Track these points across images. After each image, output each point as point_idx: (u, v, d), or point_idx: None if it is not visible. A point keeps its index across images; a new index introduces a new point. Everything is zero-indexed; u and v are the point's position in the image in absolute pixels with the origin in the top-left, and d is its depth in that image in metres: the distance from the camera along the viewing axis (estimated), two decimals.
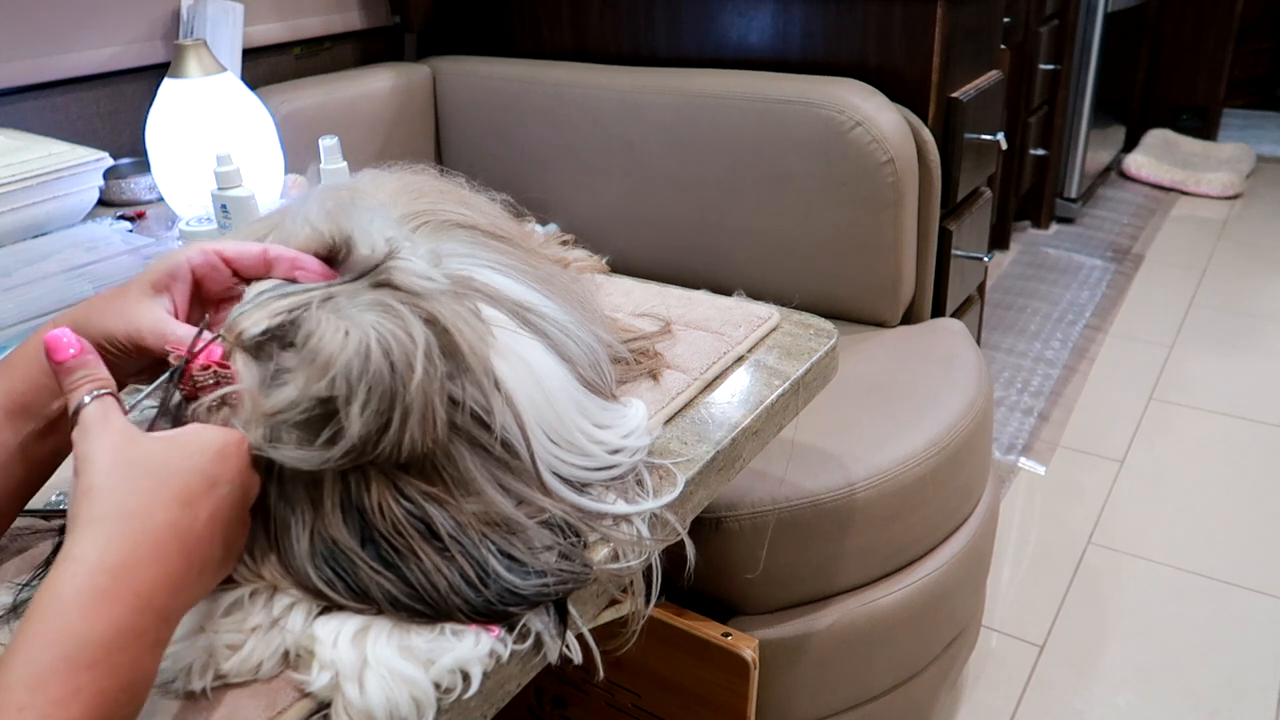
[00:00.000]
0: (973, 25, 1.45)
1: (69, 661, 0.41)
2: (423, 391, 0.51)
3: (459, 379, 0.54)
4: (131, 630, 0.43)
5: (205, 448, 0.49)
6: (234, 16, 1.48)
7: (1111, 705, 1.42)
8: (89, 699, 0.41)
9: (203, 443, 0.49)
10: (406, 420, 0.50)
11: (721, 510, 1.04)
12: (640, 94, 1.50)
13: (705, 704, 0.94)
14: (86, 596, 0.43)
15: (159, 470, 0.47)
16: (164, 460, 0.47)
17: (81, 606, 0.42)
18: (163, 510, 0.46)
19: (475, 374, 0.55)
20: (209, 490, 0.48)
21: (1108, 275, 2.80)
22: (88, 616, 0.42)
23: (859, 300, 1.43)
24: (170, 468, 0.47)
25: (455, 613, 0.52)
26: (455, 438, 0.54)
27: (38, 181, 1.16)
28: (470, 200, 0.75)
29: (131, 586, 0.44)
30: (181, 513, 0.46)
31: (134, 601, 0.43)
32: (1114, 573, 1.68)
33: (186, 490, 0.47)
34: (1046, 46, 2.79)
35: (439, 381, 0.52)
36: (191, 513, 0.47)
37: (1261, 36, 3.92)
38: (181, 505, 0.46)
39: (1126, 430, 2.08)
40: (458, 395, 0.54)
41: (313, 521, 0.52)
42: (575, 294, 0.72)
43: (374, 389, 0.50)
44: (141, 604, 0.44)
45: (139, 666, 0.44)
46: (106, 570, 0.43)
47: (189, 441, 0.49)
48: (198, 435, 0.49)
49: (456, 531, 0.53)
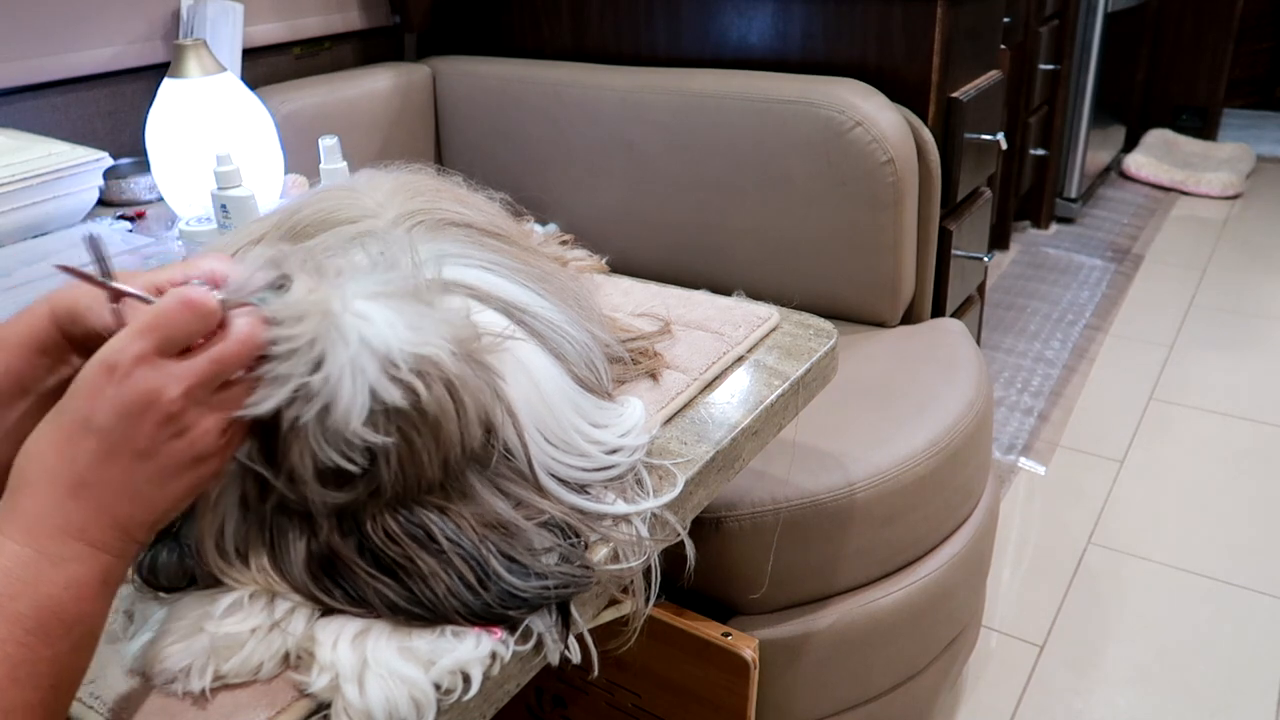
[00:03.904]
0: (973, 25, 1.45)
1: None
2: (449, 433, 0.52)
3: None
4: (21, 577, 0.43)
5: (77, 387, 0.45)
6: (234, 16, 1.48)
7: (1111, 705, 1.42)
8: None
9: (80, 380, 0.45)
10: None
11: (721, 510, 1.04)
12: (640, 94, 1.50)
13: (705, 704, 0.94)
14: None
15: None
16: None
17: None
18: (49, 450, 0.45)
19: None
20: (82, 432, 0.45)
21: (1108, 275, 2.80)
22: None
23: (859, 300, 1.43)
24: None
25: (454, 616, 0.51)
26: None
27: (38, 181, 1.16)
28: (467, 199, 0.75)
29: (16, 531, 0.44)
30: (58, 457, 0.45)
31: (16, 549, 0.43)
32: (1114, 573, 1.68)
33: (60, 431, 0.45)
34: (1046, 46, 2.79)
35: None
36: (69, 454, 0.44)
37: (1261, 36, 3.91)
38: (59, 448, 0.45)
39: (1126, 430, 2.08)
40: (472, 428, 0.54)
41: (309, 530, 0.52)
42: (572, 292, 0.72)
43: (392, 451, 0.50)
44: (28, 548, 0.43)
45: (46, 610, 0.43)
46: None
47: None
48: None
49: (456, 534, 0.52)
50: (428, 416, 0.50)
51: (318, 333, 0.48)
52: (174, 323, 0.44)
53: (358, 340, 0.48)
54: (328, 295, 0.49)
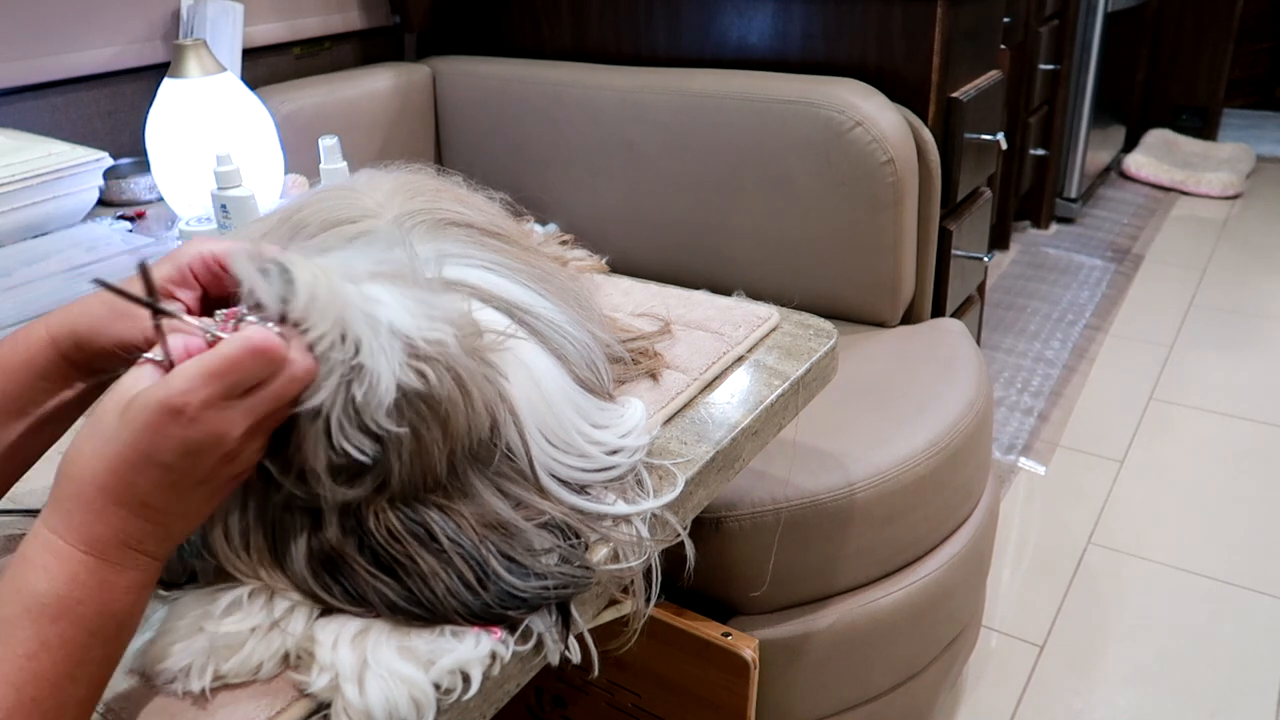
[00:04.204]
0: (973, 25, 1.45)
1: (31, 615, 0.42)
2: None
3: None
4: (87, 584, 0.44)
5: (134, 420, 0.45)
6: (234, 16, 1.48)
7: (1111, 705, 1.42)
8: (58, 650, 0.43)
9: (133, 413, 0.45)
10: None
11: (721, 510, 1.04)
12: (640, 94, 1.50)
13: (705, 704, 0.94)
14: (38, 552, 0.44)
15: (104, 432, 0.45)
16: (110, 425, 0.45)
17: (34, 563, 0.44)
18: (106, 474, 0.45)
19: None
20: (145, 464, 0.45)
21: (1108, 275, 2.80)
22: (39, 572, 0.43)
23: (859, 300, 1.43)
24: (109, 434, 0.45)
25: (453, 616, 0.51)
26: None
27: (38, 181, 1.16)
28: (467, 199, 0.75)
29: (80, 542, 0.44)
30: (118, 482, 0.45)
31: (82, 558, 0.44)
32: (1114, 573, 1.68)
33: (120, 460, 0.45)
34: (1046, 46, 2.79)
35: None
36: (129, 480, 0.45)
37: (1261, 36, 3.91)
38: (119, 474, 0.45)
39: (1126, 430, 2.08)
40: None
41: (311, 526, 0.52)
42: (572, 292, 0.72)
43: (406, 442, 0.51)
44: (93, 557, 0.44)
45: (108, 613, 0.45)
46: (55, 530, 0.45)
47: (126, 406, 0.45)
48: (132, 401, 0.45)
49: (456, 534, 0.52)
50: (438, 406, 0.50)
51: (345, 320, 0.49)
52: (244, 369, 0.45)
53: (383, 324, 0.49)
54: (337, 279, 0.50)
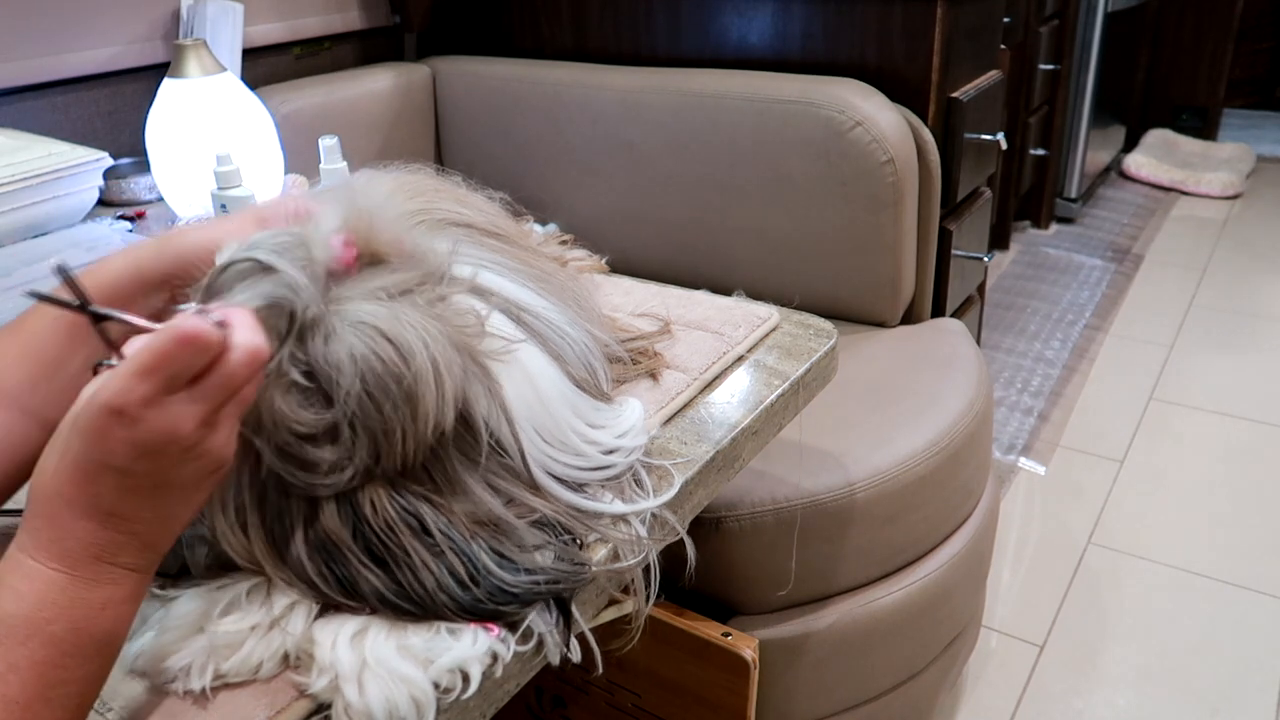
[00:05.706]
0: (973, 25, 1.45)
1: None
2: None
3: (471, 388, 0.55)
4: (57, 602, 0.43)
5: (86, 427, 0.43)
6: (234, 16, 1.48)
7: (1111, 705, 1.42)
8: (27, 672, 0.41)
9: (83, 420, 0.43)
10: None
11: (721, 510, 1.04)
12: (640, 94, 1.50)
13: (705, 704, 0.93)
14: (9, 574, 0.43)
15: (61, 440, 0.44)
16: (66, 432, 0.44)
17: (4, 584, 0.43)
18: (68, 486, 0.43)
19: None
20: (100, 471, 0.43)
21: (1108, 275, 2.80)
22: (8, 593, 0.42)
23: (859, 300, 1.43)
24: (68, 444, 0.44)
25: (444, 611, 0.51)
26: (443, 438, 0.54)
27: (38, 181, 1.16)
28: (467, 199, 0.75)
29: (49, 559, 0.43)
30: (79, 493, 0.43)
31: (51, 575, 0.43)
32: (1114, 573, 1.68)
33: (78, 470, 0.43)
34: (1046, 46, 2.79)
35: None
36: (90, 490, 0.43)
37: (1261, 36, 3.91)
38: (79, 485, 0.43)
39: (1126, 430, 2.08)
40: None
41: (308, 511, 0.52)
42: (571, 292, 0.72)
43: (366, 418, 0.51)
44: (63, 573, 0.43)
45: (83, 631, 0.43)
46: (25, 549, 0.43)
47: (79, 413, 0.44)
48: (81, 410, 0.43)
49: (447, 528, 0.53)
50: (402, 379, 0.50)
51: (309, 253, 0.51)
52: (175, 361, 0.42)
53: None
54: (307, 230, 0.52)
